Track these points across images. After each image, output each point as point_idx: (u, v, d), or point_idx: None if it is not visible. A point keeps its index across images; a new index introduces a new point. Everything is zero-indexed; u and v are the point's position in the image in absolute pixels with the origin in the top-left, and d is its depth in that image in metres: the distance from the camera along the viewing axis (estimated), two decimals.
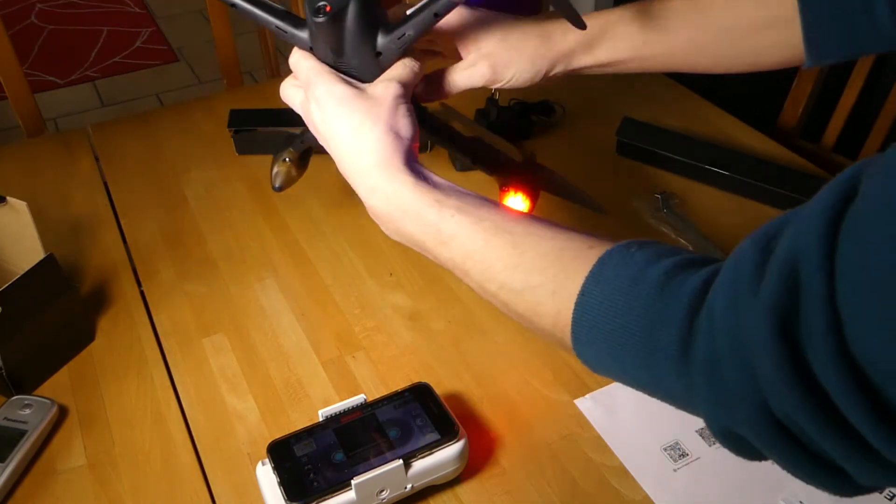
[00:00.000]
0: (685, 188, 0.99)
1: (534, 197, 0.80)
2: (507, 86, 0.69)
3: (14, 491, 0.66)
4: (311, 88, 0.60)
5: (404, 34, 0.61)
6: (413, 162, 0.58)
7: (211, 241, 0.92)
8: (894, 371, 0.32)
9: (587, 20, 0.67)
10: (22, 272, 0.70)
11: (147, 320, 0.82)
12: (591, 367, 0.50)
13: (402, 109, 0.60)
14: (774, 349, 0.35)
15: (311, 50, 0.63)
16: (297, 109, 0.64)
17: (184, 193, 0.99)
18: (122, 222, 0.95)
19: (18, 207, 0.75)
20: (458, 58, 0.70)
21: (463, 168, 1.02)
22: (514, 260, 0.52)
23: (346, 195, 0.98)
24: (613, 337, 0.46)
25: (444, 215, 0.55)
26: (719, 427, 0.41)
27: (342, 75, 0.61)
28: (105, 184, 1.01)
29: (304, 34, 0.63)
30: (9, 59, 1.13)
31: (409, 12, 0.63)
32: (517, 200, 0.78)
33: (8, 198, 0.75)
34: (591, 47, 0.69)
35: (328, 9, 0.60)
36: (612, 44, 0.69)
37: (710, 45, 0.69)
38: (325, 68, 0.61)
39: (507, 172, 0.79)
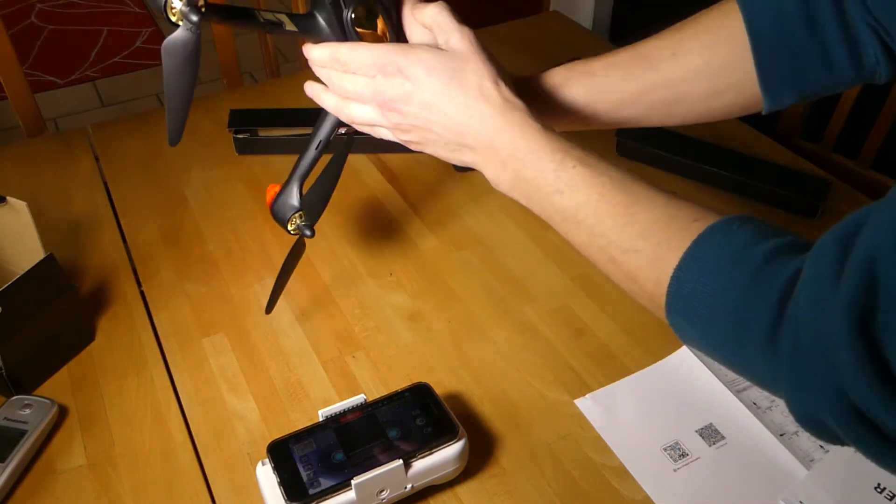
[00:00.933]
0: (685, 188, 0.99)
1: None
2: None
3: (14, 491, 0.66)
4: (387, 68, 0.60)
5: None
6: (528, 106, 0.59)
7: (211, 241, 0.92)
8: None
9: (530, 80, 0.69)
10: (22, 272, 0.70)
11: (147, 320, 0.82)
12: (681, 338, 0.52)
13: (487, 54, 0.60)
14: (853, 345, 0.36)
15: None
16: (360, 96, 0.62)
17: (184, 193, 0.99)
18: (122, 222, 0.95)
19: (18, 207, 0.75)
20: None
21: (463, 168, 1.02)
22: (626, 220, 0.53)
23: (346, 195, 0.98)
24: (706, 315, 0.47)
25: (567, 164, 0.56)
26: (802, 412, 0.43)
27: (410, 44, 0.61)
28: (105, 184, 1.01)
29: (324, 27, 0.63)
30: (9, 59, 1.13)
31: None
32: None
33: (8, 198, 0.75)
34: (538, 111, 0.68)
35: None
36: (555, 109, 0.70)
37: (660, 98, 0.68)
38: (390, 45, 0.61)
39: None
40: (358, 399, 0.67)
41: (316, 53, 0.63)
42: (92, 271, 0.88)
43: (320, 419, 0.65)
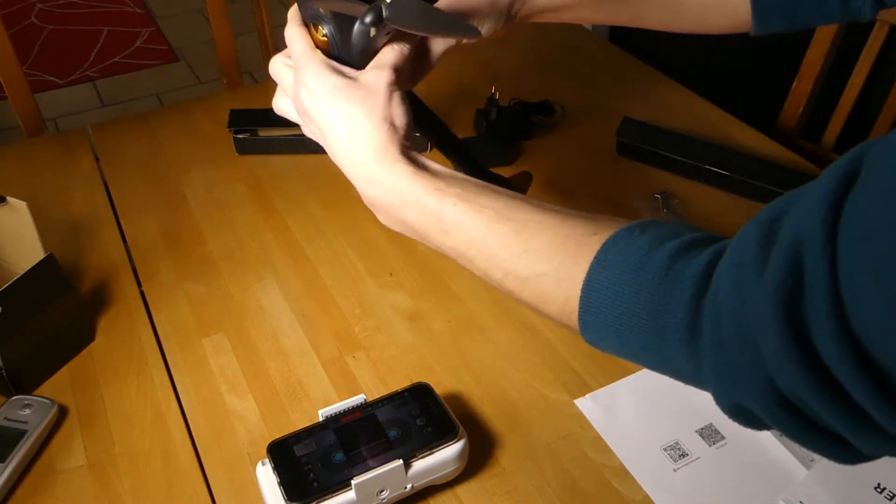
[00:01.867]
0: (685, 188, 0.99)
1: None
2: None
3: (14, 491, 0.66)
4: (300, 75, 0.60)
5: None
6: (409, 150, 0.58)
7: (211, 241, 0.92)
8: (895, 349, 0.33)
9: None
10: (22, 272, 0.70)
11: (147, 320, 0.82)
12: (600, 350, 0.51)
13: (397, 98, 0.59)
14: (779, 329, 0.36)
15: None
16: (286, 90, 0.63)
17: (184, 193, 0.99)
18: (122, 222, 0.95)
19: (18, 207, 0.75)
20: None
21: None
22: (519, 248, 0.52)
23: (346, 195, 0.98)
24: (621, 322, 0.47)
25: (446, 204, 0.55)
26: (728, 402, 0.43)
27: (333, 62, 0.60)
28: (105, 184, 1.01)
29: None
30: (9, 59, 1.13)
31: None
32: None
33: (8, 198, 0.75)
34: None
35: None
36: None
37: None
38: (318, 55, 0.60)
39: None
40: (358, 399, 0.67)
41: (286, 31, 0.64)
42: (92, 271, 0.88)
43: (320, 419, 0.65)
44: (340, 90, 0.58)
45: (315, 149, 0.75)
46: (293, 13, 0.63)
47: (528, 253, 0.52)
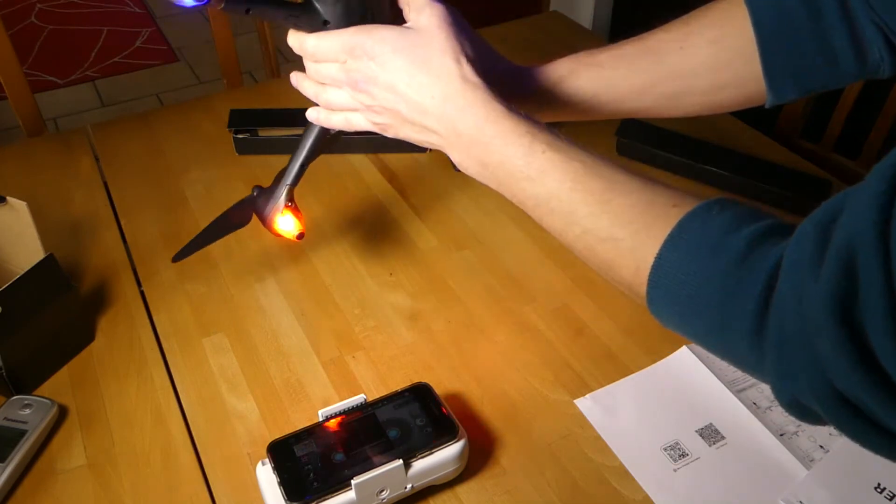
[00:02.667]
0: (685, 188, 0.99)
1: None
2: None
3: (14, 491, 0.66)
4: (355, 50, 0.59)
5: None
6: (492, 88, 0.57)
7: None
8: None
9: (535, 71, 0.67)
10: (22, 272, 0.70)
11: (147, 320, 0.82)
12: (663, 324, 0.51)
13: (456, 30, 0.58)
14: (835, 332, 0.37)
15: (324, 25, 0.62)
16: (334, 81, 0.62)
17: (184, 193, 0.99)
18: (122, 222, 0.95)
19: (18, 207, 0.75)
20: None
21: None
22: (601, 207, 0.51)
23: (346, 195, 0.99)
24: (688, 304, 0.47)
25: (536, 149, 0.54)
26: (788, 398, 0.43)
27: (376, 24, 0.60)
28: (105, 184, 1.01)
29: (317, 13, 0.63)
30: (9, 59, 1.13)
31: None
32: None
33: (8, 198, 0.75)
34: (541, 106, 0.68)
35: None
36: (560, 100, 0.68)
37: (666, 90, 0.68)
38: (357, 27, 0.60)
39: None
40: (358, 399, 0.67)
41: (290, 41, 0.63)
42: (92, 271, 0.88)
43: (320, 419, 0.65)
44: (402, 38, 0.58)
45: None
46: (298, 34, 0.63)
47: (609, 214, 0.51)
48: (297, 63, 0.67)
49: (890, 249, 0.35)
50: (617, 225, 0.51)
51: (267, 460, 0.62)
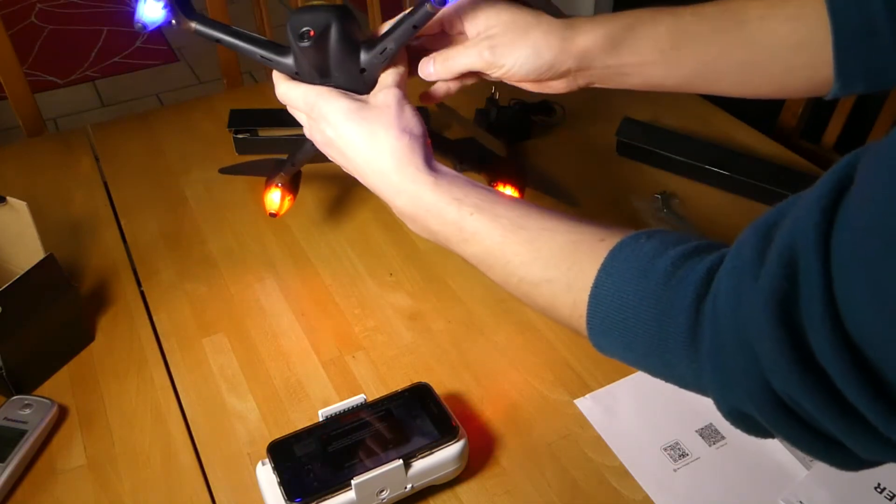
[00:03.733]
0: (685, 188, 0.99)
1: (521, 189, 0.82)
2: (508, 74, 0.65)
3: (14, 491, 0.66)
4: (314, 110, 0.63)
5: (385, 48, 0.63)
6: (430, 159, 0.61)
7: (211, 241, 0.92)
8: (889, 351, 0.33)
9: (610, 19, 0.64)
10: (22, 272, 0.70)
11: (147, 320, 0.82)
12: (606, 355, 0.52)
13: (409, 110, 0.62)
14: (774, 333, 0.37)
15: (295, 75, 0.65)
16: (305, 130, 0.67)
17: (184, 193, 0.99)
18: (122, 222, 0.95)
19: (18, 207, 0.75)
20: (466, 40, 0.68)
21: (463, 168, 1.01)
22: (531, 255, 0.54)
23: (346, 195, 0.98)
24: (626, 327, 0.48)
25: (464, 213, 0.57)
26: (728, 407, 0.43)
27: (342, 90, 0.64)
28: (105, 184, 1.01)
29: (288, 60, 0.65)
30: (9, 59, 1.13)
31: (388, 26, 0.64)
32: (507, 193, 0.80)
33: (8, 198, 0.75)
34: (615, 46, 0.64)
35: (311, 33, 0.62)
36: (637, 43, 0.64)
37: (742, 60, 0.65)
38: (322, 88, 0.63)
39: (494, 169, 0.83)
40: (358, 399, 0.67)
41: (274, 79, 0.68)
42: (92, 271, 0.88)
43: (320, 419, 0.65)
44: (356, 111, 0.61)
45: (316, 159, 0.76)
46: (276, 74, 0.67)
47: (540, 260, 0.54)
48: None
49: (831, 251, 0.35)
50: (549, 267, 0.53)
51: (267, 460, 0.62)
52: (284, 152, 1.05)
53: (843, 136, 1.23)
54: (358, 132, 0.61)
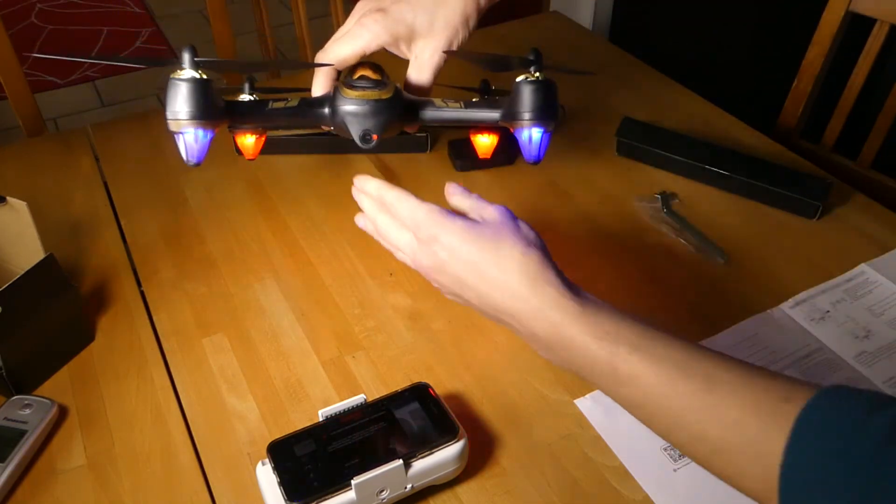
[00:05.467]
0: (685, 188, 0.99)
1: (501, 135, 0.81)
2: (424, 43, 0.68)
3: (14, 491, 0.66)
4: (423, 230, 0.59)
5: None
6: (563, 275, 0.56)
7: (211, 241, 0.92)
8: None
9: None
10: (22, 272, 0.70)
11: (147, 320, 0.82)
12: None
13: (523, 223, 0.58)
14: None
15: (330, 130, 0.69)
16: (402, 249, 0.63)
17: (184, 193, 0.99)
18: (122, 222, 0.95)
19: (18, 207, 0.75)
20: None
21: (463, 168, 1.02)
22: (706, 413, 0.48)
23: (346, 195, 0.98)
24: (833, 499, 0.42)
25: (619, 353, 0.51)
26: None
27: (449, 211, 0.60)
28: (105, 184, 1.01)
29: (324, 111, 0.68)
30: (9, 59, 1.13)
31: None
32: (485, 138, 0.81)
33: (8, 198, 0.75)
34: None
35: (375, 137, 0.66)
36: None
37: None
38: (432, 207, 0.59)
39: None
40: (358, 399, 0.67)
41: (369, 186, 0.64)
42: (92, 271, 0.88)
43: (320, 419, 0.65)
44: (473, 229, 0.56)
45: (316, 149, 0.77)
46: (362, 178, 0.65)
47: (716, 419, 0.47)
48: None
49: None
50: (729, 431, 0.47)
51: (267, 460, 0.62)
52: (284, 152, 1.05)
53: (843, 136, 1.23)
54: (480, 253, 0.55)
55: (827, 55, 1.20)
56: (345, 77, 0.69)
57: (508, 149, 1.04)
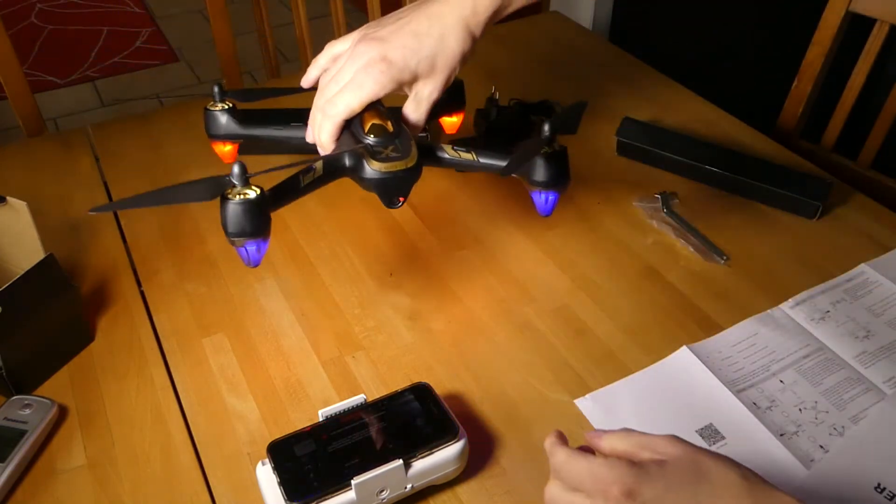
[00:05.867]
0: (685, 188, 0.99)
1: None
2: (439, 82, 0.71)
3: (14, 491, 0.66)
4: (612, 488, 0.50)
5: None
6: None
7: (211, 241, 0.92)
8: None
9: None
10: (22, 272, 0.70)
11: (147, 320, 0.82)
12: None
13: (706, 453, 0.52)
14: None
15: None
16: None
17: None
18: (122, 222, 0.95)
19: (18, 207, 0.75)
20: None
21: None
22: None
23: (346, 195, 0.98)
24: None
25: None
26: None
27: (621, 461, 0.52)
28: (105, 184, 1.01)
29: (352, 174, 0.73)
30: (9, 59, 1.13)
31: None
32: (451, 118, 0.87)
33: (8, 198, 0.75)
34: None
35: (402, 199, 0.69)
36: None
37: None
38: (611, 460, 0.52)
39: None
40: (358, 399, 0.67)
41: (547, 445, 0.57)
42: (92, 271, 0.88)
43: (320, 419, 0.65)
44: (674, 473, 0.50)
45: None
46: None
47: None
48: (297, 64, 0.68)
49: None
50: None
51: (267, 460, 0.62)
52: (284, 152, 1.05)
53: (843, 136, 1.23)
54: (690, 494, 0.49)
55: (827, 55, 1.20)
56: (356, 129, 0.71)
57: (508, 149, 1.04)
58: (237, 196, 0.62)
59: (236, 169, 0.61)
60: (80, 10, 3.27)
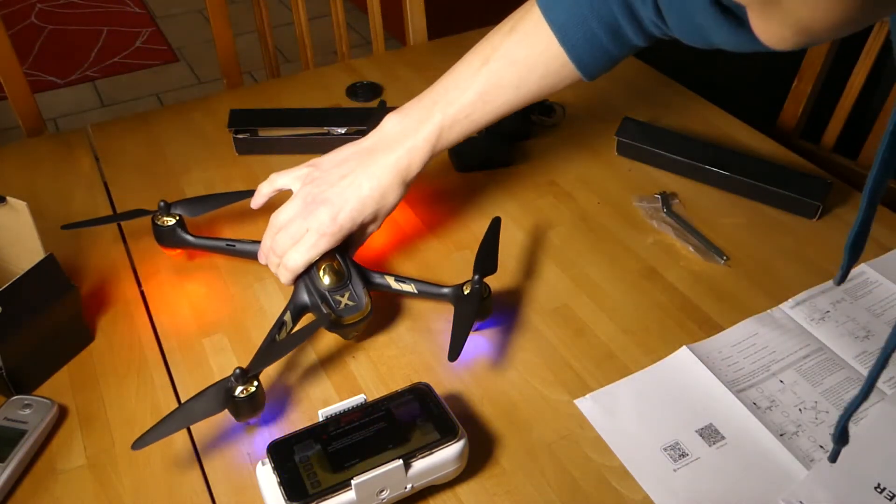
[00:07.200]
0: (685, 188, 0.99)
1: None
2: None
3: (14, 491, 0.66)
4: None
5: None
6: None
7: None
8: None
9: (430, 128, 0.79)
10: (22, 272, 0.70)
11: (147, 320, 0.82)
12: None
13: None
14: None
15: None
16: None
17: (184, 193, 0.99)
18: (122, 222, 0.95)
19: (18, 207, 0.75)
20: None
21: (462, 168, 1.02)
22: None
23: None
24: None
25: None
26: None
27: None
28: (105, 184, 1.01)
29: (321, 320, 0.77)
30: (9, 59, 1.13)
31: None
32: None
33: (8, 198, 0.75)
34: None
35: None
36: (452, 133, 0.81)
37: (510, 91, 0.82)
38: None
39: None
40: (358, 399, 0.67)
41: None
42: (92, 271, 0.88)
43: (320, 419, 0.65)
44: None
45: (315, 149, 0.77)
46: None
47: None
48: (297, 64, 0.67)
49: None
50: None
51: (267, 460, 0.62)
52: (284, 152, 1.05)
53: (843, 136, 1.23)
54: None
55: (827, 55, 1.20)
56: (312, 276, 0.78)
57: (508, 149, 1.04)
58: (243, 393, 0.68)
59: (238, 372, 0.67)
60: (80, 10, 3.26)
